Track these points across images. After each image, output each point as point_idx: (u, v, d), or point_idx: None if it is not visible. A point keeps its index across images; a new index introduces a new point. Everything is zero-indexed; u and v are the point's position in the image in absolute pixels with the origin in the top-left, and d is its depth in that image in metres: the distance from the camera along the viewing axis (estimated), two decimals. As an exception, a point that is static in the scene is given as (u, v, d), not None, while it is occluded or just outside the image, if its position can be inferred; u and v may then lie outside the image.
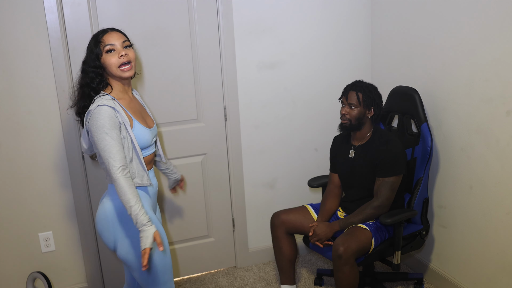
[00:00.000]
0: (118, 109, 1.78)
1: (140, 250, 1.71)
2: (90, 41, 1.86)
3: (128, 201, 1.68)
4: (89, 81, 1.83)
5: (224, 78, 2.70)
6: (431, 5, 2.40)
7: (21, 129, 2.40)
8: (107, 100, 1.78)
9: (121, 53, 1.82)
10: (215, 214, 2.89)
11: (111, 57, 1.82)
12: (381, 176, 2.28)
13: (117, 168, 1.69)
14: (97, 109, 1.74)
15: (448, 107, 2.38)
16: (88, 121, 1.77)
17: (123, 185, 1.69)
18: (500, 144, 2.11)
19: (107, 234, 1.85)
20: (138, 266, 1.84)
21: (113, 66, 1.82)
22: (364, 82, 2.35)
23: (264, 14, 2.69)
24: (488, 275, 2.29)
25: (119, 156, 1.71)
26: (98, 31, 1.87)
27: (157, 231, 1.69)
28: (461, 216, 2.40)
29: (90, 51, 1.84)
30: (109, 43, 1.82)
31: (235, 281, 2.86)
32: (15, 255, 2.53)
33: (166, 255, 1.88)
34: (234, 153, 2.82)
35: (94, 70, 1.82)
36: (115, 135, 1.73)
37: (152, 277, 1.86)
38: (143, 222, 1.67)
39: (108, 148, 1.70)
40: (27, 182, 2.47)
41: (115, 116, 1.75)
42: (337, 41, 2.88)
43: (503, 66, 2.03)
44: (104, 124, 1.71)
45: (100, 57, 1.82)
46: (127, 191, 1.69)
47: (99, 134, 1.71)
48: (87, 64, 1.84)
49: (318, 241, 2.31)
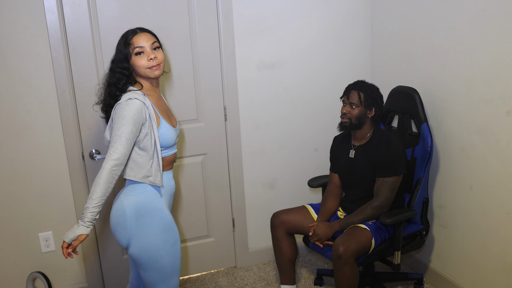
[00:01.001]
0: (148, 105, 1.78)
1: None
2: (120, 41, 1.85)
3: (94, 192, 1.68)
4: (115, 81, 1.83)
5: (224, 78, 2.70)
6: (431, 5, 2.40)
7: (21, 129, 2.40)
8: (138, 94, 1.78)
9: (150, 56, 1.81)
10: (215, 214, 2.89)
11: (140, 60, 1.81)
12: (381, 176, 2.28)
13: (111, 159, 1.69)
14: (127, 102, 1.74)
15: (448, 107, 2.38)
16: (114, 110, 1.78)
17: (104, 178, 1.69)
18: (500, 144, 2.11)
19: (122, 230, 1.82)
20: (150, 265, 1.83)
21: (141, 67, 1.82)
22: (366, 82, 2.35)
23: (264, 14, 2.69)
24: (488, 275, 2.29)
25: (121, 150, 1.71)
26: (128, 31, 1.85)
27: (84, 235, 1.69)
28: (461, 216, 2.40)
29: (119, 52, 1.83)
30: (138, 45, 1.81)
31: (235, 281, 2.86)
32: (15, 255, 2.53)
33: (178, 257, 1.88)
34: (234, 153, 2.82)
35: (121, 71, 1.82)
36: (132, 131, 1.73)
37: (162, 277, 1.86)
38: (86, 219, 1.68)
39: (117, 138, 1.71)
40: (27, 182, 2.47)
41: (142, 112, 1.75)
42: (337, 41, 2.88)
43: (503, 66, 2.03)
44: (127, 116, 1.72)
45: (129, 59, 1.82)
46: (102, 184, 1.69)
47: (118, 123, 1.72)
48: (115, 63, 1.84)
49: (318, 241, 2.31)
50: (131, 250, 1.83)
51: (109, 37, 2.43)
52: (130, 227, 1.81)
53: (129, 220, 1.81)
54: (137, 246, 1.82)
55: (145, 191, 1.83)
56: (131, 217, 1.81)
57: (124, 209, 1.82)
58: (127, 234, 1.82)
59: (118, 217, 1.83)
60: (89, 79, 2.45)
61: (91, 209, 1.69)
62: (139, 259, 1.83)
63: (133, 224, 1.81)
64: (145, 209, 1.81)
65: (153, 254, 1.82)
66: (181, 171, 2.76)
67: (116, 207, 1.85)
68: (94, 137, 2.52)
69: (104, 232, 2.67)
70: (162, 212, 1.84)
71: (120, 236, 1.84)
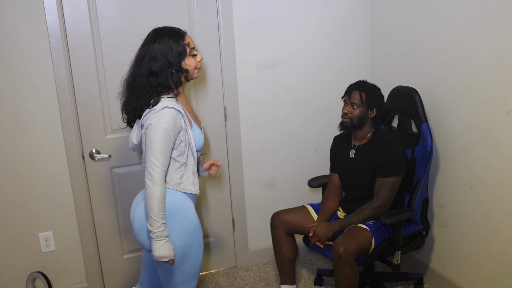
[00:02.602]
0: (183, 113, 1.76)
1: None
2: (167, 41, 1.74)
3: (159, 209, 1.69)
4: (164, 87, 1.74)
5: (224, 78, 2.70)
6: (431, 5, 2.40)
7: (21, 129, 2.40)
8: (173, 102, 1.74)
9: (200, 56, 1.80)
10: (215, 214, 2.89)
11: (194, 60, 1.79)
12: (381, 176, 2.28)
13: (160, 171, 1.69)
14: (164, 111, 1.70)
15: (448, 107, 2.38)
16: (148, 117, 1.72)
17: (160, 192, 1.69)
18: (500, 144, 2.11)
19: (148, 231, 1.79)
20: (175, 266, 1.81)
21: (193, 68, 1.79)
22: (368, 82, 2.35)
23: (264, 14, 2.69)
24: (488, 275, 2.29)
25: (164, 162, 1.70)
26: (174, 29, 1.79)
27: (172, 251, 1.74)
28: (461, 216, 2.40)
29: (170, 50, 1.73)
30: (194, 46, 1.79)
31: (235, 281, 2.86)
32: (15, 255, 2.53)
33: (201, 260, 1.88)
34: (234, 153, 2.82)
35: (178, 72, 1.76)
36: (171, 142, 1.71)
37: (186, 278, 1.85)
38: (164, 235, 1.71)
39: (158, 150, 1.68)
40: (27, 182, 2.46)
41: (177, 120, 1.73)
42: (337, 41, 2.88)
43: (503, 66, 2.03)
44: (167, 128, 1.69)
45: (184, 58, 1.76)
46: (161, 199, 1.70)
47: (157, 135, 1.68)
48: (171, 66, 1.74)
49: (318, 241, 2.31)
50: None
51: (109, 37, 2.43)
52: None
53: None
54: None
55: (175, 192, 1.81)
56: None
57: None
58: None
59: (145, 218, 1.79)
60: (89, 79, 2.45)
61: (161, 224, 1.71)
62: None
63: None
64: (176, 211, 1.79)
65: (179, 256, 1.80)
66: (181, 171, 2.76)
67: (144, 208, 1.81)
68: (94, 137, 2.52)
69: (104, 232, 2.67)
70: (191, 213, 1.83)
71: (145, 238, 1.81)
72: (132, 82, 1.78)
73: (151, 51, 1.73)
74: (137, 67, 1.77)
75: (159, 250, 1.71)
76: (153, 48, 1.73)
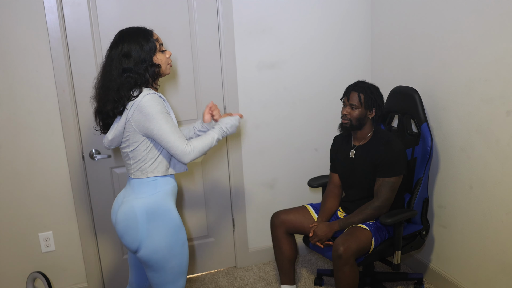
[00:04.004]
0: (165, 99, 1.79)
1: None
2: (137, 38, 1.76)
3: (212, 139, 1.85)
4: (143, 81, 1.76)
5: (224, 78, 2.70)
6: (431, 5, 2.40)
7: (21, 129, 2.40)
8: (152, 91, 1.77)
9: (169, 52, 1.86)
10: (215, 214, 2.90)
11: (164, 55, 1.84)
12: (381, 177, 2.28)
13: (182, 146, 1.75)
14: (147, 97, 1.71)
15: (448, 107, 2.38)
16: (132, 110, 1.72)
17: (201, 146, 1.81)
18: (500, 144, 2.11)
19: (133, 233, 1.80)
20: (160, 266, 1.83)
21: (164, 63, 1.84)
22: (366, 82, 2.35)
23: (264, 14, 2.69)
24: (488, 275, 2.29)
25: (179, 134, 1.76)
26: (140, 29, 1.81)
27: (238, 117, 2.00)
28: (461, 216, 2.40)
29: (141, 49, 1.75)
30: (162, 42, 1.84)
31: (235, 281, 2.86)
32: (15, 255, 2.53)
33: (187, 258, 1.90)
34: (234, 153, 2.82)
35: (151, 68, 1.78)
36: (170, 118, 1.77)
37: (172, 277, 1.86)
38: (226, 130, 1.94)
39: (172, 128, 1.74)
40: (27, 182, 2.46)
41: (164, 104, 1.77)
42: (337, 41, 2.88)
43: (503, 66, 2.03)
44: (162, 109, 1.73)
45: (155, 53, 1.79)
46: (205, 142, 1.83)
47: (159, 117, 1.72)
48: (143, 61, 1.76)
49: (318, 241, 2.31)
50: (142, 253, 1.81)
51: (109, 37, 2.39)
52: (142, 230, 1.79)
53: (140, 223, 1.78)
54: (148, 249, 1.80)
55: (156, 192, 1.82)
56: (143, 219, 1.78)
57: (134, 212, 1.79)
58: (138, 238, 1.79)
59: (128, 220, 1.80)
60: (89, 79, 2.44)
61: (219, 135, 1.91)
62: (150, 261, 1.82)
63: (145, 226, 1.79)
64: (157, 211, 1.80)
65: (164, 255, 1.81)
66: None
67: (125, 210, 1.81)
68: (94, 137, 2.52)
69: (104, 232, 2.67)
70: (172, 213, 1.84)
71: (130, 240, 1.81)
72: (108, 83, 1.77)
73: (122, 50, 1.75)
74: (108, 68, 1.77)
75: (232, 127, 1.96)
76: (123, 47, 1.76)
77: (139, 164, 1.81)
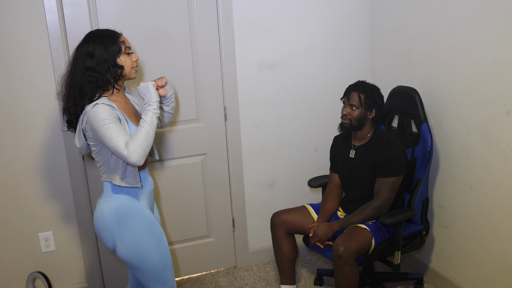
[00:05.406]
0: (115, 107, 1.79)
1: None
2: (103, 39, 1.79)
3: (145, 130, 1.73)
4: (104, 81, 1.78)
5: (224, 78, 2.70)
6: (431, 5, 2.40)
7: (21, 129, 2.40)
8: (103, 100, 1.78)
9: (136, 56, 1.86)
10: (215, 214, 2.90)
11: (129, 59, 1.84)
12: (381, 177, 2.28)
13: (124, 146, 1.68)
14: (94, 108, 1.73)
15: (448, 107, 2.38)
16: (85, 121, 1.76)
17: (138, 143, 1.69)
18: (500, 144, 2.11)
19: (105, 235, 1.86)
20: (138, 265, 1.87)
21: (129, 67, 1.84)
22: (367, 82, 2.35)
23: (264, 14, 2.69)
24: (488, 275, 2.29)
25: (123, 137, 1.70)
26: (108, 31, 1.83)
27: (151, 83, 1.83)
28: (461, 216, 2.40)
29: (105, 50, 1.77)
30: (129, 45, 1.85)
31: (235, 281, 2.86)
32: (15, 255, 2.53)
33: (165, 253, 1.91)
34: (234, 153, 2.82)
35: (112, 70, 1.79)
36: (118, 123, 1.74)
37: (153, 275, 1.89)
38: (153, 110, 1.78)
39: (112, 135, 1.69)
40: (27, 182, 2.46)
41: (113, 111, 1.75)
42: (337, 41, 2.88)
43: (503, 66, 2.03)
44: (105, 117, 1.71)
45: (119, 56, 1.80)
46: (140, 138, 1.71)
47: (102, 127, 1.70)
48: (106, 62, 1.78)
49: (318, 242, 2.31)
50: (118, 253, 1.87)
51: (109, 37, 2.43)
52: (112, 232, 1.84)
53: (109, 225, 1.84)
54: (122, 249, 1.85)
55: (121, 194, 1.85)
56: (112, 222, 1.83)
57: (103, 215, 1.84)
58: (111, 238, 1.85)
59: (100, 223, 1.86)
60: (89, 79, 2.45)
61: (152, 112, 1.78)
62: (127, 261, 1.87)
63: (115, 228, 1.84)
64: (124, 212, 1.84)
65: (139, 254, 1.86)
66: (181, 171, 2.75)
67: (96, 214, 1.88)
68: (94, 137, 2.52)
69: (104, 232, 2.67)
70: (141, 212, 1.87)
71: (105, 241, 1.88)
72: (71, 80, 1.80)
73: (86, 49, 1.78)
74: (73, 65, 1.81)
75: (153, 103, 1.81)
76: (88, 46, 1.78)
77: (103, 168, 1.85)
